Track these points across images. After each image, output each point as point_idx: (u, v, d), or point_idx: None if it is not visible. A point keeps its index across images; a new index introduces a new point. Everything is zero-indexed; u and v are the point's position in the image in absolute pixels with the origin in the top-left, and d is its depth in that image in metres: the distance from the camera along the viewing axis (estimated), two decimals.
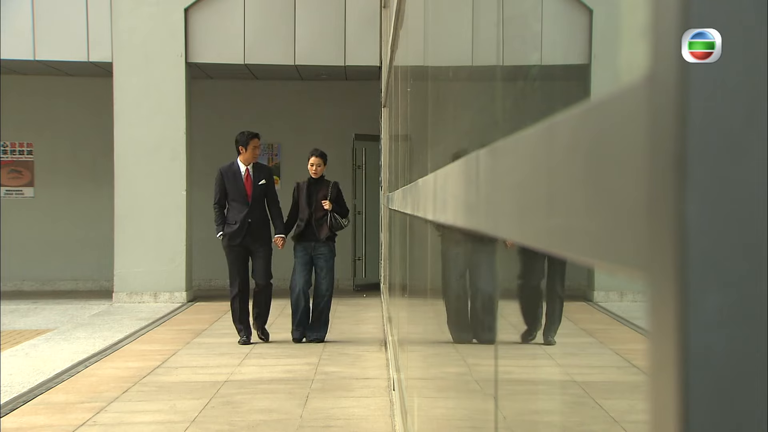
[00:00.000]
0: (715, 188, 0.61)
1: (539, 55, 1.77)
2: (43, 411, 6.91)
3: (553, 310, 1.86)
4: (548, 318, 1.85)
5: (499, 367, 1.93)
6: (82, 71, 15.44)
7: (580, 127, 0.90)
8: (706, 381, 0.61)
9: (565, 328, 1.84)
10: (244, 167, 9.96)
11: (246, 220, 9.81)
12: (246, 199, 9.86)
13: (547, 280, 1.88)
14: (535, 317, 1.89)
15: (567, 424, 1.77)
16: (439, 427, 3.64)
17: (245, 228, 9.81)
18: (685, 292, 0.61)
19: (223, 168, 10.06)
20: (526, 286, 1.95)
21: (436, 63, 3.69)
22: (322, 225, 10.20)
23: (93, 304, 14.14)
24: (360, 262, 16.35)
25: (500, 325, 2.10)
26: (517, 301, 2.01)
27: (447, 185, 2.26)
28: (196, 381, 7.88)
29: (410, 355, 5.61)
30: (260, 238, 9.92)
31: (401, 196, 5.72)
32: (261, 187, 9.98)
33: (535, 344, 1.89)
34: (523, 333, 1.90)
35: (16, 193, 16.87)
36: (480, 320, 2.37)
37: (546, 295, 1.88)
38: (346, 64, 14.55)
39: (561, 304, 1.85)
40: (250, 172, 9.97)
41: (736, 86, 0.61)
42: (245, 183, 9.91)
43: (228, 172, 9.96)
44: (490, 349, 2.14)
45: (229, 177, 9.92)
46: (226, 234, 9.85)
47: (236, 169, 9.97)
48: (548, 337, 1.82)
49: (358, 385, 7.82)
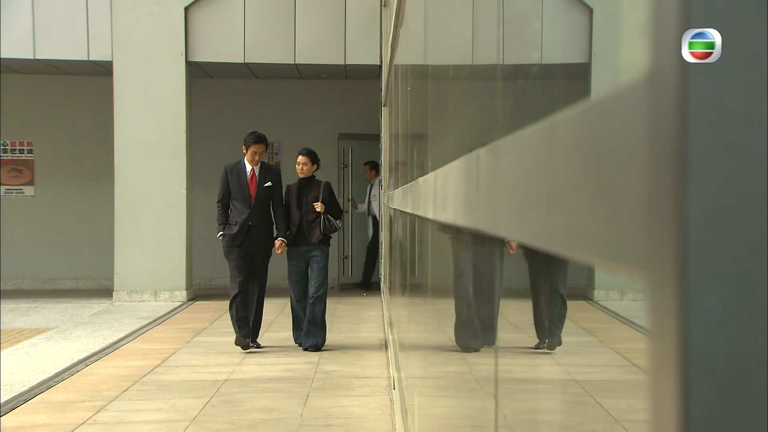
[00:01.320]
0: (715, 187, 0.61)
1: (539, 54, 1.77)
2: (43, 410, 6.91)
3: (558, 317, 1.85)
4: (553, 325, 1.84)
5: (500, 366, 1.93)
6: (82, 70, 15.44)
7: (580, 126, 0.90)
8: (706, 380, 0.61)
9: (565, 327, 1.84)
10: (250, 167, 9.50)
11: (246, 222, 9.35)
12: (248, 200, 9.39)
13: (551, 285, 1.87)
14: (544, 328, 1.88)
15: (567, 423, 1.77)
16: (440, 426, 3.64)
17: (245, 231, 9.34)
18: (686, 291, 0.61)
19: (228, 165, 9.61)
20: (534, 296, 1.93)
21: (436, 62, 3.69)
22: (314, 228, 9.63)
23: (93, 303, 14.15)
24: (347, 260, 16.51)
25: (501, 325, 2.10)
26: (525, 310, 1.99)
27: (447, 184, 2.26)
28: (197, 380, 7.88)
29: (410, 354, 5.61)
30: (261, 244, 9.45)
31: (401, 195, 5.72)
32: (267, 189, 9.48)
33: (540, 350, 1.89)
34: (535, 345, 1.88)
35: (16, 192, 16.87)
36: (486, 324, 2.31)
37: (551, 302, 1.87)
38: (347, 63, 14.55)
39: (565, 309, 1.84)
40: (255, 173, 9.48)
41: (736, 86, 0.61)
42: (249, 183, 9.43)
43: (232, 170, 9.49)
44: (490, 348, 2.14)
45: (232, 175, 9.45)
46: (225, 235, 9.41)
47: (241, 168, 9.50)
48: (552, 344, 1.82)
49: (358, 384, 7.82)
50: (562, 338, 1.85)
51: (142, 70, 14.01)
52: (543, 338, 1.85)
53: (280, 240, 9.54)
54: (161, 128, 14.00)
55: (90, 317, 12.59)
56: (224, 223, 9.43)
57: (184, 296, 14.10)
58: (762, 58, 0.61)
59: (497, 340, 2.02)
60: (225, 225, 9.42)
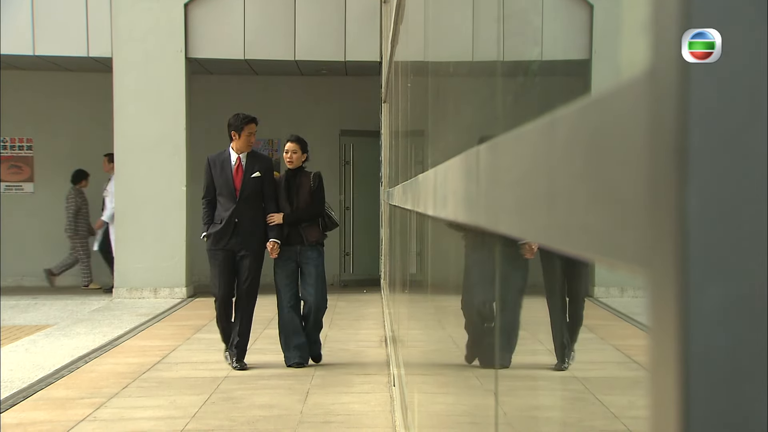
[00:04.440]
0: (715, 184, 0.61)
1: (540, 50, 1.77)
2: (43, 406, 6.91)
3: (574, 336, 1.81)
4: (568, 345, 1.80)
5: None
6: (81, 66, 15.43)
7: (580, 123, 0.90)
8: (706, 377, 0.61)
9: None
10: (236, 156, 8.34)
11: (232, 219, 8.19)
12: (234, 193, 8.24)
13: (571, 301, 1.82)
14: (563, 346, 1.82)
15: (567, 420, 1.77)
16: (440, 422, 3.65)
17: (231, 228, 8.19)
18: (686, 288, 0.62)
19: (211, 156, 8.52)
20: (553, 313, 1.86)
21: (436, 58, 3.69)
22: (311, 226, 8.42)
23: (93, 300, 14.15)
24: (348, 257, 16.50)
25: (521, 339, 2.09)
26: (544, 327, 1.93)
27: (447, 181, 2.26)
28: (196, 377, 7.88)
29: (410, 350, 5.62)
30: (250, 243, 8.23)
31: (401, 192, 5.72)
32: (255, 181, 8.28)
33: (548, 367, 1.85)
34: (555, 365, 1.83)
35: (15, 189, 16.87)
36: (507, 340, 2.09)
37: (571, 321, 1.82)
38: (347, 60, 14.54)
39: (580, 325, 1.79)
40: (242, 162, 8.32)
41: (736, 86, 0.61)
42: (234, 175, 8.28)
43: (216, 161, 8.38)
44: (491, 346, 2.14)
45: (217, 166, 8.34)
46: (209, 234, 8.29)
47: (225, 158, 8.36)
48: (566, 362, 1.76)
49: (358, 381, 7.83)
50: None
51: (141, 66, 14.00)
52: (563, 358, 1.80)
53: (272, 242, 8.30)
54: (161, 125, 13.99)
55: (90, 314, 12.59)
56: (209, 222, 8.37)
57: (184, 293, 14.10)
58: (762, 58, 0.61)
59: (515, 354, 1.99)
60: (210, 224, 8.36)
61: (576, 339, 1.78)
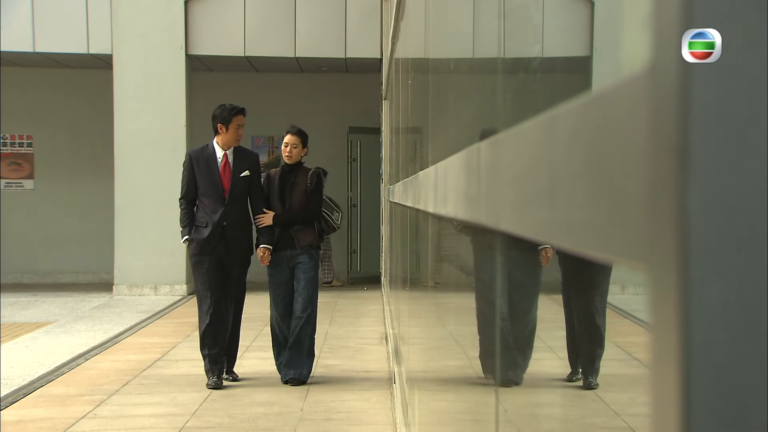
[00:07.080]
0: (716, 181, 0.62)
1: (540, 47, 1.77)
2: (43, 404, 6.92)
3: (595, 352, 1.73)
4: (589, 357, 1.73)
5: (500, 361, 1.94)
6: (82, 63, 15.43)
7: (581, 120, 0.90)
8: (707, 373, 0.61)
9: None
10: (222, 152, 7.48)
11: (220, 222, 7.35)
12: (222, 194, 7.40)
13: (586, 310, 1.76)
14: (577, 356, 1.77)
15: (568, 417, 1.77)
16: (440, 419, 3.65)
17: (218, 233, 7.36)
18: (687, 285, 0.62)
19: (193, 152, 7.66)
20: (569, 321, 1.80)
21: (437, 55, 3.69)
22: (305, 228, 7.61)
23: (93, 297, 14.15)
24: (355, 254, 16.39)
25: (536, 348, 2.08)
26: (559, 335, 1.88)
27: (448, 178, 2.26)
28: (197, 374, 7.88)
29: (411, 348, 5.62)
30: (238, 250, 7.45)
31: (402, 189, 5.72)
32: (244, 180, 7.48)
33: (564, 382, 1.81)
34: (568, 375, 1.80)
35: (15, 186, 16.86)
36: (521, 353, 1.99)
37: (587, 333, 1.74)
38: (347, 57, 14.54)
39: (602, 346, 1.70)
40: (229, 159, 7.48)
41: (736, 86, 0.62)
42: (221, 173, 7.45)
43: (199, 157, 7.50)
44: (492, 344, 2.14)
45: (200, 163, 7.47)
46: (193, 240, 7.41)
47: (210, 154, 7.50)
48: (589, 380, 1.67)
49: (358, 378, 7.83)
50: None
51: (142, 63, 14.00)
52: (576, 368, 1.75)
53: (263, 248, 7.54)
54: (161, 122, 13.99)
55: (90, 311, 12.59)
56: (189, 225, 7.45)
57: (185, 290, 14.09)
58: (762, 58, 0.61)
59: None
60: (191, 227, 7.44)
61: (600, 354, 1.70)
